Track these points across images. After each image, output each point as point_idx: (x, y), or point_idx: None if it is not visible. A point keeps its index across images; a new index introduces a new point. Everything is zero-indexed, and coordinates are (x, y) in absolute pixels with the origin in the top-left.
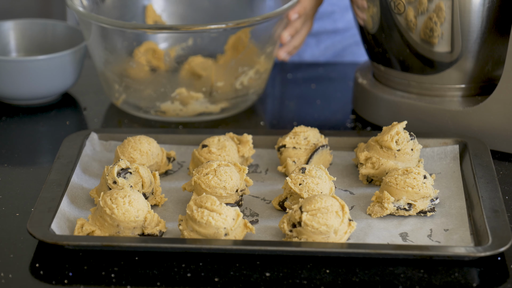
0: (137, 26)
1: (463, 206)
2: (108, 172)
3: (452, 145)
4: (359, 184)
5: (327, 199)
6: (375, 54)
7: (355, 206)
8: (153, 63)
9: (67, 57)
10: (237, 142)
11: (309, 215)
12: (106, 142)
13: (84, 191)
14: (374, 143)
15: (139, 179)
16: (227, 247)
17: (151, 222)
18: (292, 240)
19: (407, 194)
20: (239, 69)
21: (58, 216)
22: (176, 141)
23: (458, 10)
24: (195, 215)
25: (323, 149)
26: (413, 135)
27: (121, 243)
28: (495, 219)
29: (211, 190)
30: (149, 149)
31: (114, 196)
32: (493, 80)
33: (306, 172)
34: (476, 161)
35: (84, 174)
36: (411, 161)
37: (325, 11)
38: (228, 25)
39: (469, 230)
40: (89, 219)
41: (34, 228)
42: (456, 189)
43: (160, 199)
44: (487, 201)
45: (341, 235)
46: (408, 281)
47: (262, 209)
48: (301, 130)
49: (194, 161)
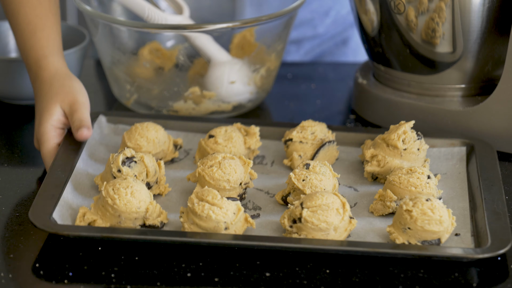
0: (145, 25)
1: (466, 207)
2: (113, 160)
3: (459, 147)
4: (364, 181)
5: (328, 196)
6: (375, 54)
7: (358, 203)
8: (158, 62)
9: (67, 57)
10: (244, 133)
11: (310, 212)
12: (114, 125)
13: (89, 177)
14: (381, 141)
15: (143, 168)
16: (226, 241)
17: (153, 213)
18: (291, 235)
19: (410, 193)
20: (251, 67)
21: (60, 204)
22: (184, 127)
23: (458, 10)
24: (196, 208)
25: (329, 144)
26: (420, 135)
27: (121, 234)
28: (496, 221)
29: (215, 182)
30: (156, 137)
31: (117, 187)
32: (493, 80)
33: (310, 168)
34: (482, 163)
35: (90, 159)
36: (417, 161)
37: (305, 18)
38: (235, 25)
39: (470, 232)
40: (92, 208)
41: (35, 216)
42: (460, 190)
43: (164, 188)
44: (490, 203)
45: (341, 232)
46: (408, 281)
47: (265, 202)
48: (308, 125)
49: (200, 151)
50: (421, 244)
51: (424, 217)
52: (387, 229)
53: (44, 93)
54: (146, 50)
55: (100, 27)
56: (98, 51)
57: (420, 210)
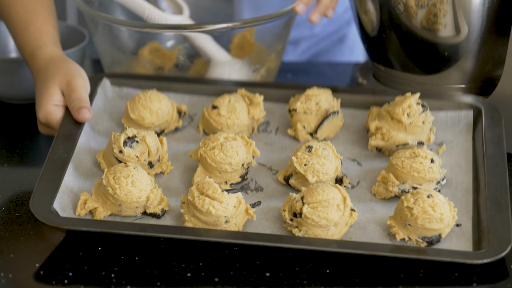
0: (145, 25)
1: (469, 189)
2: (115, 141)
3: (466, 110)
4: (368, 153)
5: (329, 191)
6: (375, 54)
7: (361, 182)
8: (158, 62)
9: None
10: (247, 102)
11: (310, 208)
12: (118, 88)
13: (91, 153)
14: (386, 113)
15: (145, 148)
16: (227, 240)
17: (154, 201)
18: (292, 229)
19: (412, 178)
20: (251, 67)
21: (62, 189)
22: (188, 90)
23: (458, 10)
24: (196, 202)
25: (333, 115)
26: (426, 105)
27: (122, 230)
28: (497, 214)
29: (217, 165)
30: (159, 108)
31: (117, 176)
32: (493, 80)
33: (312, 151)
34: (488, 134)
35: (92, 131)
36: (422, 134)
37: (302, 18)
38: (235, 25)
39: (471, 221)
40: (93, 194)
41: (36, 207)
42: (465, 165)
43: (166, 167)
44: (493, 190)
45: (342, 227)
46: (408, 281)
47: (267, 182)
48: (313, 93)
49: (203, 121)
50: (421, 240)
51: (425, 215)
52: (388, 222)
53: (41, 78)
54: (146, 50)
55: (100, 27)
56: (98, 51)
57: (421, 208)
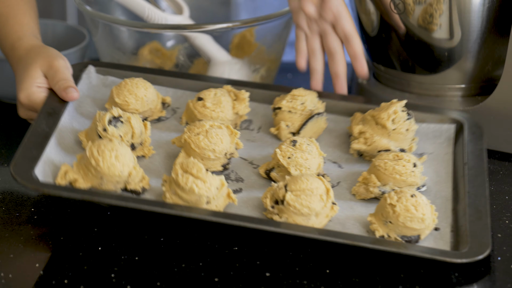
0: (145, 25)
1: (448, 197)
2: (100, 119)
3: (448, 124)
4: (349, 157)
5: (313, 181)
6: (375, 54)
7: (341, 183)
8: (158, 62)
9: (67, 57)
10: (233, 97)
11: (293, 195)
12: (103, 76)
13: (73, 132)
14: (371, 117)
15: (129, 129)
16: (206, 217)
17: (135, 178)
18: (272, 216)
19: (394, 180)
20: (251, 67)
21: (43, 159)
22: (173, 84)
23: (458, 10)
24: (180, 180)
25: (318, 116)
26: (411, 114)
27: (103, 198)
28: (477, 220)
29: (200, 151)
30: (145, 95)
31: (101, 149)
32: (493, 80)
33: (297, 145)
34: (470, 148)
35: (76, 113)
36: (405, 141)
37: None
38: (235, 25)
39: (450, 227)
40: (74, 166)
41: (17, 171)
42: (445, 175)
43: (148, 151)
44: (473, 198)
45: (322, 218)
46: (408, 281)
47: (248, 174)
48: (299, 94)
49: (187, 112)
50: (400, 238)
51: (407, 214)
52: (368, 218)
53: (22, 65)
54: (146, 50)
55: (100, 27)
56: (98, 51)
57: (404, 206)
